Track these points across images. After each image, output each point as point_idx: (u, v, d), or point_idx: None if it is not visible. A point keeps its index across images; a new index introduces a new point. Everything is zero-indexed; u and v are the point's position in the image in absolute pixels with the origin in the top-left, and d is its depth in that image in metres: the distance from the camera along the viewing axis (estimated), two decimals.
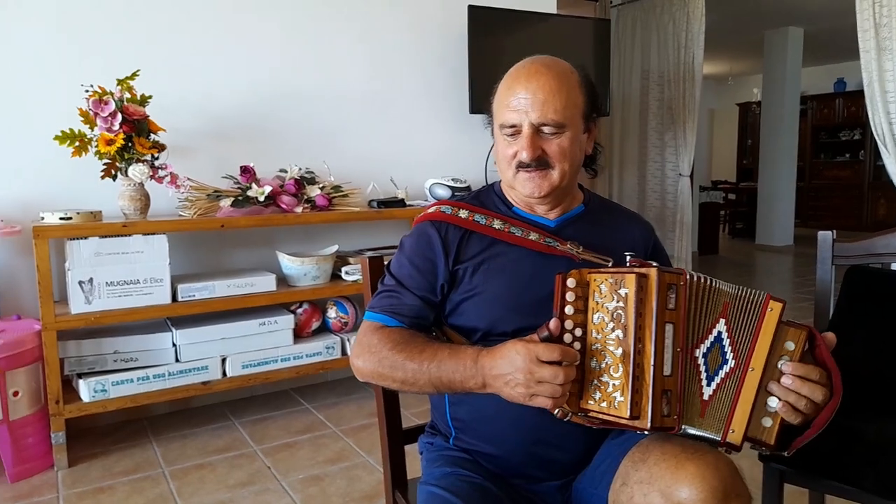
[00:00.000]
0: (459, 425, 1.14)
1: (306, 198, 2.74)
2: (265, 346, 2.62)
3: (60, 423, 2.23)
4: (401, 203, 2.99)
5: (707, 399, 0.96)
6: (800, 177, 8.21)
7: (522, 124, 1.07)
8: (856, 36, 3.37)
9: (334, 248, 2.89)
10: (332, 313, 2.85)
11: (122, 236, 2.30)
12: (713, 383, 0.97)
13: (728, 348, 0.97)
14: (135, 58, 2.55)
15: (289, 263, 2.71)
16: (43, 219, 2.27)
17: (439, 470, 1.09)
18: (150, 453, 2.39)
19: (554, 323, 0.96)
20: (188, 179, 2.48)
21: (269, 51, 2.91)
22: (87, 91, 2.28)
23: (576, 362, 0.94)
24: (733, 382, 0.97)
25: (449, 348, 1.03)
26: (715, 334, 0.97)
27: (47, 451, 2.26)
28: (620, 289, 0.94)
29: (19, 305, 2.46)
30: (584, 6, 5.22)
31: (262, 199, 2.60)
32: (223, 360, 2.54)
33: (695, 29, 4.61)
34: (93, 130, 2.30)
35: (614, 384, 0.93)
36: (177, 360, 2.46)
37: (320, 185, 2.79)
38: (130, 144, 2.31)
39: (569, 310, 0.97)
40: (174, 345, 2.46)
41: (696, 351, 0.96)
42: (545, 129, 1.08)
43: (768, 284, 5.71)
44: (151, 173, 2.36)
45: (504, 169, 1.13)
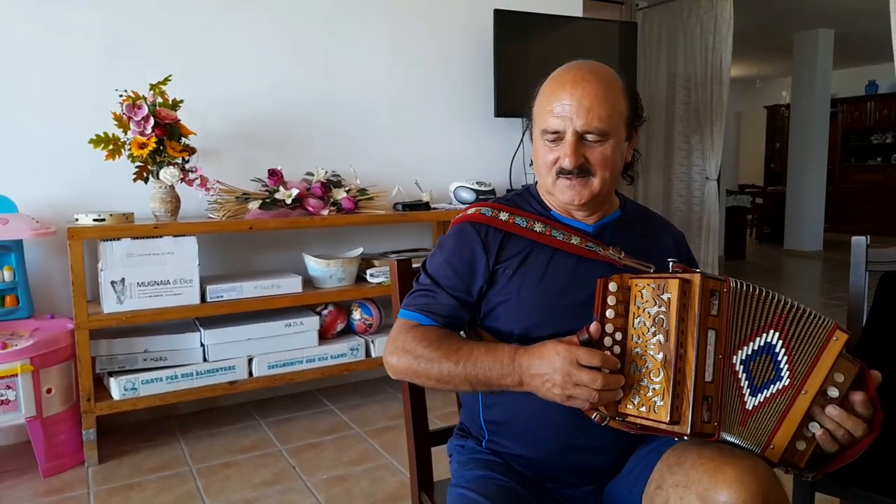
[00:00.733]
0: (493, 427, 1.13)
1: (332, 200, 2.76)
2: (291, 346, 2.64)
3: (91, 421, 2.28)
4: (425, 206, 3.00)
5: (751, 409, 0.96)
6: (829, 181, 8.06)
7: (566, 131, 1.06)
8: (888, 38, 3.31)
9: (359, 250, 2.91)
10: (356, 315, 2.87)
11: (153, 238, 2.34)
12: (760, 395, 0.96)
13: (784, 365, 0.97)
14: (167, 63, 2.60)
15: (315, 265, 2.73)
16: (77, 220, 2.32)
17: (470, 472, 1.09)
18: (177, 451, 2.42)
19: (594, 326, 0.96)
20: (217, 182, 2.52)
21: (297, 56, 2.94)
22: (121, 95, 2.33)
23: (616, 368, 0.94)
24: (784, 400, 0.96)
25: (485, 346, 1.03)
26: (761, 344, 0.97)
27: (78, 448, 2.30)
28: (663, 294, 0.93)
29: (53, 305, 2.51)
30: (610, 9, 5.19)
31: (289, 201, 2.63)
32: (250, 361, 2.57)
33: (723, 31, 4.56)
34: (126, 134, 2.35)
35: (654, 389, 0.92)
36: (204, 360, 2.49)
37: (346, 188, 2.81)
38: (162, 148, 2.35)
39: (610, 314, 0.97)
40: (202, 345, 2.50)
41: (734, 358, 0.96)
42: (589, 136, 1.06)
43: (797, 290, 5.62)
44: (182, 176, 2.40)
45: (544, 174, 1.12)
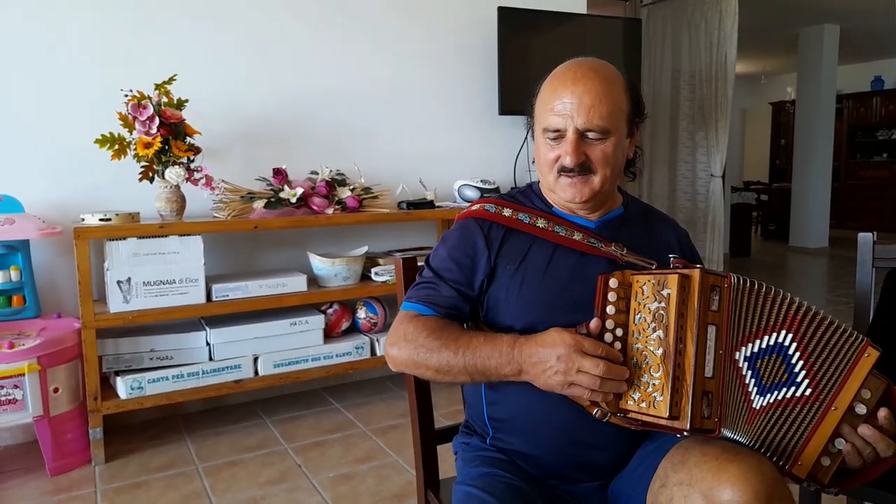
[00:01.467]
0: (497, 425, 1.14)
1: (337, 199, 2.76)
2: (296, 345, 2.65)
3: (98, 420, 2.29)
4: (430, 204, 3.00)
5: (759, 409, 0.96)
6: (835, 177, 8.03)
7: (567, 129, 1.06)
8: (894, 33, 3.30)
9: (364, 249, 2.92)
10: (361, 314, 2.87)
11: (158, 237, 2.35)
12: (770, 396, 0.96)
13: (801, 371, 0.97)
14: (172, 62, 2.61)
15: (320, 264, 2.74)
16: (83, 220, 2.32)
17: (476, 470, 1.09)
18: (184, 450, 2.43)
19: (595, 322, 0.96)
20: (222, 182, 2.52)
21: (301, 55, 2.95)
22: (127, 95, 2.33)
23: (618, 361, 0.94)
24: (808, 412, 0.96)
25: (484, 335, 1.04)
26: (771, 343, 0.96)
27: (85, 447, 2.31)
28: (663, 289, 0.94)
29: (60, 304, 2.52)
30: (614, 6, 5.18)
31: (294, 200, 2.63)
32: (255, 360, 2.57)
33: (727, 27, 4.54)
34: (131, 134, 2.35)
35: (654, 384, 0.92)
36: (210, 359, 2.50)
37: (351, 187, 2.81)
38: (167, 147, 2.36)
39: (610, 310, 0.97)
40: (208, 344, 2.51)
41: (737, 354, 0.95)
42: (590, 134, 1.06)
43: (803, 287, 5.60)
44: (187, 176, 2.41)
45: (545, 172, 1.12)
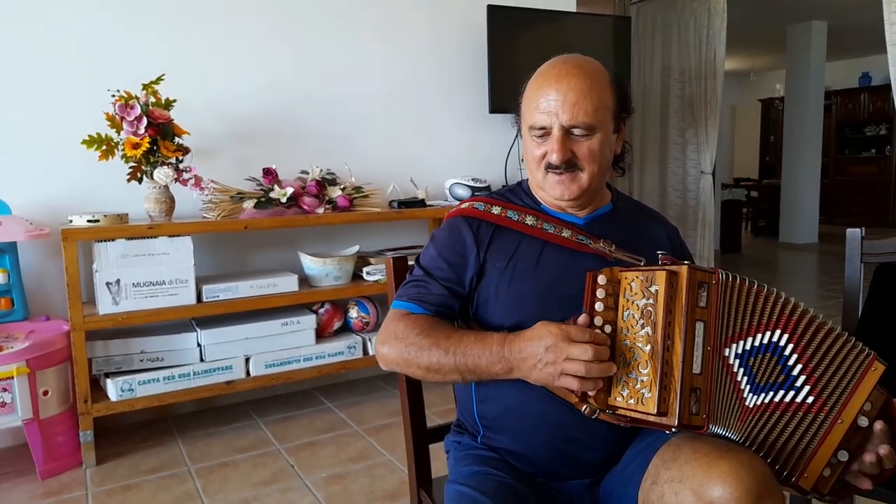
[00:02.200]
0: (487, 423, 1.14)
1: (328, 199, 2.76)
2: (288, 345, 2.64)
3: (89, 422, 2.27)
4: (421, 203, 3.00)
5: (752, 407, 0.96)
6: (823, 173, 8.08)
7: (552, 126, 1.07)
8: (881, 29, 3.31)
9: (355, 248, 2.91)
10: (353, 313, 2.87)
11: (148, 238, 2.34)
12: (764, 395, 0.96)
13: (799, 374, 0.97)
14: (159, 62, 2.59)
15: (311, 264, 2.73)
16: (71, 222, 2.31)
17: (467, 468, 1.09)
18: (175, 451, 2.42)
19: (583, 318, 0.96)
20: (212, 182, 2.51)
21: (290, 54, 2.94)
22: (114, 96, 2.32)
23: (606, 345, 0.94)
24: (815, 425, 0.96)
25: (475, 334, 1.04)
26: (764, 342, 0.97)
27: (76, 449, 2.30)
28: (651, 286, 0.94)
29: (48, 306, 2.50)
30: (604, 4, 5.19)
31: (284, 200, 2.62)
32: (247, 360, 2.56)
33: (716, 24, 4.56)
34: (119, 134, 2.34)
35: (642, 381, 0.92)
36: (201, 360, 2.49)
37: (341, 186, 2.80)
38: (156, 148, 2.34)
39: (598, 306, 0.97)
40: (199, 345, 2.49)
41: (727, 350, 0.95)
42: (575, 131, 1.07)
43: (793, 283, 5.64)
44: (176, 176, 2.39)
45: (533, 170, 1.13)
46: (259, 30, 2.86)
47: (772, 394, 0.97)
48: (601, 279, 0.98)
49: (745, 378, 0.96)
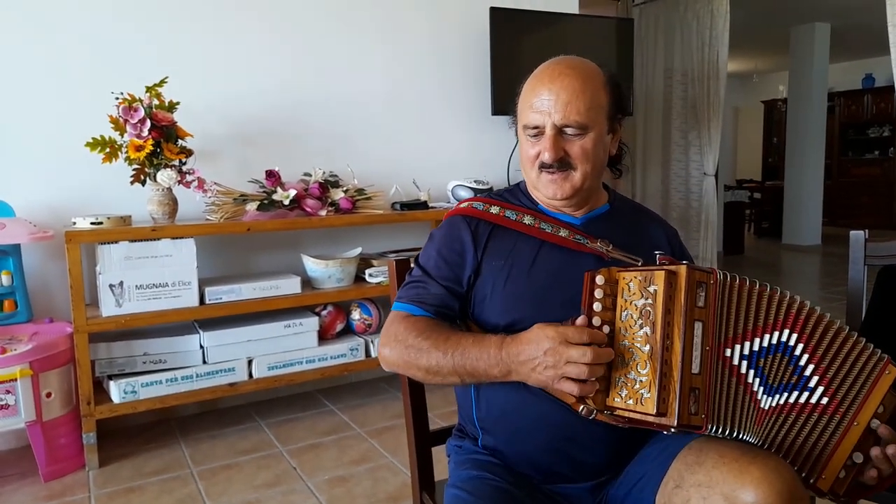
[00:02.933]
0: (486, 426, 1.14)
1: (330, 201, 2.76)
2: (290, 347, 2.64)
3: (92, 424, 2.27)
4: (423, 205, 3.00)
5: (767, 409, 0.96)
6: (827, 175, 8.06)
7: (545, 125, 1.07)
8: (885, 31, 3.31)
9: (358, 250, 2.91)
10: (356, 315, 2.87)
11: (151, 240, 2.34)
12: (779, 397, 0.96)
13: (812, 374, 0.97)
14: (163, 65, 2.59)
15: (313, 266, 2.73)
16: (75, 224, 2.31)
17: (465, 472, 1.09)
18: (178, 454, 2.42)
19: (581, 319, 0.96)
20: (215, 184, 2.51)
21: (293, 56, 2.94)
22: (117, 98, 2.32)
23: (604, 343, 0.94)
24: (831, 426, 0.96)
25: (473, 336, 1.03)
26: (773, 342, 0.96)
27: (79, 452, 2.30)
28: (650, 286, 0.93)
29: (52, 308, 2.51)
30: (606, 5, 5.19)
31: (287, 202, 2.62)
32: (249, 362, 2.56)
33: (719, 26, 4.55)
34: (123, 137, 2.34)
35: (641, 381, 0.92)
36: (204, 362, 2.49)
37: (344, 188, 2.81)
38: (159, 150, 2.35)
39: (597, 307, 0.97)
40: (202, 347, 2.50)
41: (729, 351, 0.95)
42: (568, 130, 1.07)
43: (796, 285, 5.62)
44: (179, 178, 2.40)
45: (527, 170, 1.14)
46: (262, 32, 2.87)
47: (786, 395, 0.96)
48: (599, 279, 0.97)
49: (757, 380, 0.95)
